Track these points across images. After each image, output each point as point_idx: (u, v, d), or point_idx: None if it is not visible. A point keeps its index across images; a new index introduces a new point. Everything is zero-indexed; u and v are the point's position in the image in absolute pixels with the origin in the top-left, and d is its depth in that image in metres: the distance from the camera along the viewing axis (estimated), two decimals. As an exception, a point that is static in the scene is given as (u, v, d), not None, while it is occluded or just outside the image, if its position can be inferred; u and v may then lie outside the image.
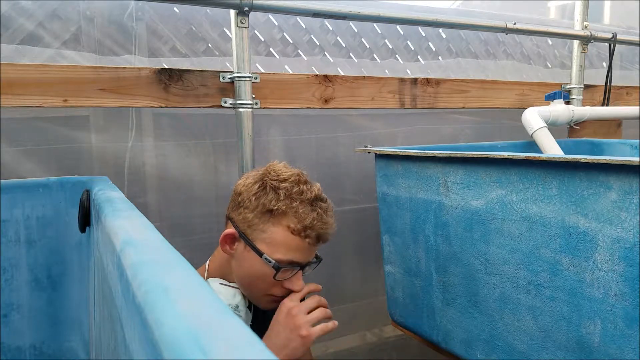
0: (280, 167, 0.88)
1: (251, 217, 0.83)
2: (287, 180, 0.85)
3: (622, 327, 0.72)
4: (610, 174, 0.71)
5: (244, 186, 0.86)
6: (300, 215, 0.82)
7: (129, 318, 0.37)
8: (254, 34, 1.37)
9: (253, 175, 0.88)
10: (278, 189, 0.83)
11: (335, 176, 1.53)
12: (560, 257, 0.79)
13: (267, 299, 0.87)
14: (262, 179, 0.85)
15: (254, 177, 0.87)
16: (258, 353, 0.23)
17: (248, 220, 0.84)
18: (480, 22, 1.52)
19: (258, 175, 0.87)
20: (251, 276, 0.85)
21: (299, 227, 0.82)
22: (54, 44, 1.14)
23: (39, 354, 1.00)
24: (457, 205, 0.98)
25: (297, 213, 0.82)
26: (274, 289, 0.86)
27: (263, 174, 0.86)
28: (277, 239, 0.82)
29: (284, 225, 0.82)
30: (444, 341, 1.07)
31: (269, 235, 0.83)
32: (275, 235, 0.82)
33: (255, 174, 0.88)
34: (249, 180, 0.87)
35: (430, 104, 1.52)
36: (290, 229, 0.82)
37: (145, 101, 1.13)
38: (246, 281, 0.87)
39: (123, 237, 0.47)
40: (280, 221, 0.83)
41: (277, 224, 0.83)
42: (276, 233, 0.82)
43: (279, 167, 0.88)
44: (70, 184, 1.01)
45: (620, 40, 1.74)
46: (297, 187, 0.84)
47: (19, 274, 0.98)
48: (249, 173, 0.90)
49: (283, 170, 0.86)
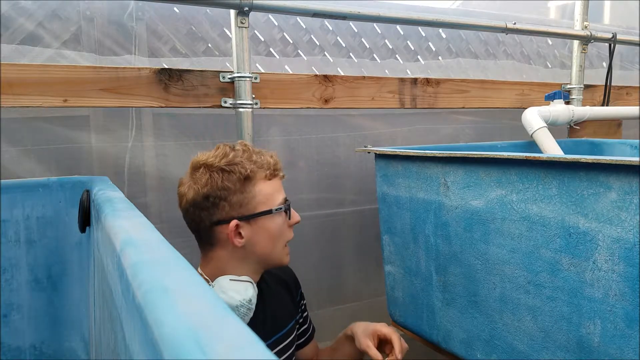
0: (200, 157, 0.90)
1: (236, 199, 0.88)
2: (222, 156, 0.89)
3: (622, 327, 0.72)
4: (610, 174, 0.71)
5: (202, 191, 0.88)
6: (263, 163, 0.91)
7: (129, 318, 0.37)
8: (254, 34, 1.37)
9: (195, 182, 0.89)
10: (233, 163, 0.88)
11: (336, 176, 1.53)
12: (560, 257, 0.79)
13: (285, 250, 0.96)
14: (208, 174, 0.88)
15: (199, 181, 0.88)
16: (258, 353, 0.23)
17: (235, 203, 0.88)
18: (480, 22, 1.52)
19: (199, 176, 0.88)
20: (273, 238, 0.92)
21: (269, 172, 0.91)
22: (54, 44, 1.14)
23: (39, 353, 1.01)
24: (457, 205, 0.98)
25: (259, 164, 0.90)
26: (287, 234, 0.96)
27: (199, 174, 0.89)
28: (266, 192, 0.91)
29: (260, 179, 0.90)
30: (444, 341, 1.07)
31: (259, 194, 0.90)
32: (263, 191, 0.90)
33: (188, 181, 0.90)
34: (197, 185, 0.88)
35: (430, 104, 1.52)
36: (267, 177, 0.91)
37: (146, 101, 1.13)
38: (269, 248, 0.93)
39: (123, 237, 0.47)
40: (257, 178, 0.90)
41: (256, 182, 0.90)
42: (262, 189, 0.90)
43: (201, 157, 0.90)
44: (71, 184, 1.01)
45: (620, 40, 1.74)
46: (234, 151, 0.90)
47: (19, 274, 0.99)
48: (183, 186, 0.91)
49: (208, 155, 0.90)
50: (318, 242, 1.52)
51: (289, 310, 1.04)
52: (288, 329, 1.01)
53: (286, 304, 1.04)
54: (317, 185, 1.51)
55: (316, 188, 1.51)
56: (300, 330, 1.10)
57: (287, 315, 1.03)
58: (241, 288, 0.88)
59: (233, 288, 0.88)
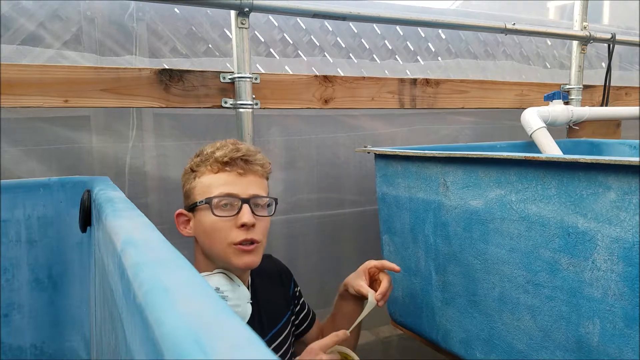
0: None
1: (185, 189, 0.94)
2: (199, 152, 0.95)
3: (621, 327, 0.72)
4: (609, 174, 0.71)
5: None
6: (215, 156, 0.90)
7: (130, 318, 0.37)
8: (254, 35, 1.37)
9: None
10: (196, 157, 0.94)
11: (335, 176, 1.53)
12: (559, 256, 0.79)
13: (232, 250, 0.87)
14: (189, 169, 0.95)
15: None
16: (258, 352, 0.23)
17: (184, 193, 0.94)
18: (479, 23, 1.53)
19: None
20: (208, 234, 0.89)
21: (218, 164, 0.89)
22: (54, 45, 1.15)
23: (39, 353, 1.01)
24: (457, 205, 0.98)
25: (211, 155, 0.91)
26: (232, 235, 0.87)
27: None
28: (205, 183, 0.90)
29: (205, 171, 0.91)
30: (444, 340, 1.07)
31: (199, 185, 0.91)
32: (203, 181, 0.90)
33: None
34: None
35: (430, 104, 1.52)
36: (213, 170, 0.90)
37: (146, 101, 1.13)
38: (208, 243, 0.90)
39: (124, 237, 0.47)
40: (201, 170, 0.91)
41: (200, 174, 0.91)
42: (202, 180, 0.90)
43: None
44: (71, 184, 1.02)
45: (619, 40, 1.74)
46: (208, 147, 0.94)
47: (19, 273, 0.99)
48: None
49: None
50: (318, 243, 1.52)
51: (283, 304, 1.05)
52: (283, 322, 1.02)
53: (279, 297, 1.05)
54: (317, 185, 1.51)
55: (316, 188, 1.51)
56: (300, 317, 1.11)
57: (281, 309, 1.03)
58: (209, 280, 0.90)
59: None
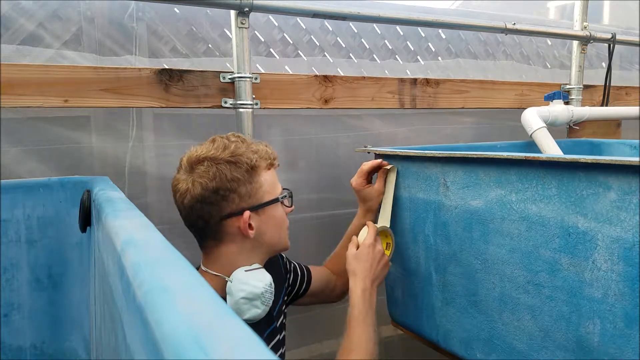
0: (198, 152, 0.88)
1: (245, 190, 0.88)
2: (223, 148, 0.88)
3: (621, 327, 0.72)
4: (610, 174, 0.71)
5: (210, 185, 0.85)
6: (263, 153, 0.91)
7: (130, 318, 0.37)
8: (254, 35, 1.37)
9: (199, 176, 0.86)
10: (237, 154, 0.87)
11: (336, 176, 1.53)
12: (560, 257, 0.79)
13: (286, 234, 0.98)
14: (215, 167, 0.86)
15: (206, 175, 0.86)
16: (259, 352, 0.23)
17: (244, 194, 0.88)
18: (479, 23, 1.52)
19: (204, 170, 0.86)
20: (279, 226, 0.95)
21: (269, 162, 0.92)
22: (54, 45, 1.14)
23: (39, 353, 1.01)
24: (457, 205, 0.98)
25: (260, 153, 0.91)
26: (287, 221, 0.97)
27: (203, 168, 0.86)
28: (270, 181, 0.92)
29: (263, 169, 0.91)
30: (444, 341, 1.07)
31: (265, 184, 0.91)
32: (268, 180, 0.92)
33: (189, 178, 0.87)
34: (204, 179, 0.86)
35: (430, 104, 1.52)
36: (268, 167, 0.92)
37: (146, 101, 1.13)
38: (277, 236, 0.95)
39: (124, 237, 0.47)
40: (259, 169, 0.90)
41: (261, 172, 0.90)
42: (267, 178, 0.91)
43: (200, 152, 0.88)
44: (71, 184, 1.02)
45: (619, 40, 1.74)
46: (233, 142, 0.89)
47: (19, 273, 0.99)
48: (183, 183, 0.88)
49: (206, 149, 0.88)
50: (318, 243, 1.52)
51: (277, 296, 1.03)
52: (277, 310, 1.02)
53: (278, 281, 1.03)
54: (317, 185, 1.51)
55: (316, 188, 1.51)
56: (298, 281, 1.13)
57: (276, 301, 1.01)
58: (259, 275, 0.89)
59: (253, 277, 0.88)
